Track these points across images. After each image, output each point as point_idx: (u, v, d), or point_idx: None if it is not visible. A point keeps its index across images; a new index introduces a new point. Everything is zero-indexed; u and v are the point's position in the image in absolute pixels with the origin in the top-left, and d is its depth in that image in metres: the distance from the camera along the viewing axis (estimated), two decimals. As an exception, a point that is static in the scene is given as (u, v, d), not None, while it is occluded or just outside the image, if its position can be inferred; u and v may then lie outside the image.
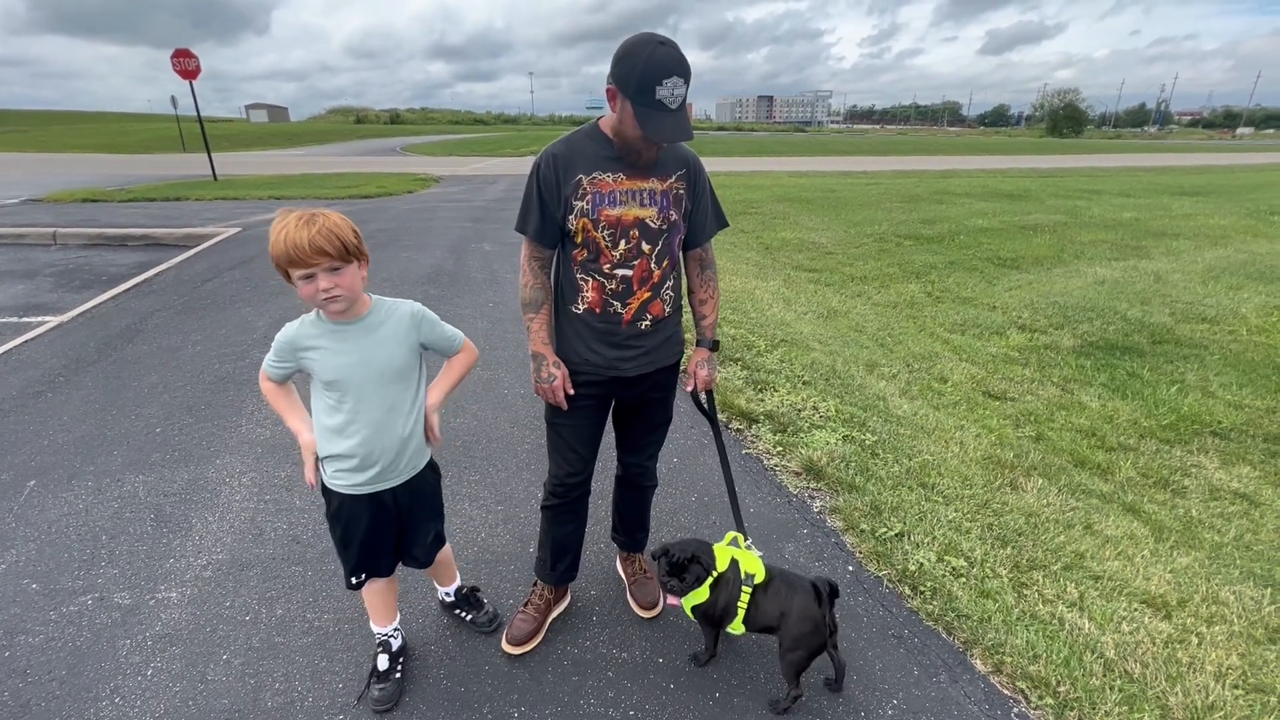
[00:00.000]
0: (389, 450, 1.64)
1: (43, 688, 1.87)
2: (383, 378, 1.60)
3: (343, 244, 1.43)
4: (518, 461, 3.15)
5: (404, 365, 1.63)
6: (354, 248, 1.47)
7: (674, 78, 1.49)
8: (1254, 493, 3.43)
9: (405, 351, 1.63)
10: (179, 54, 13.50)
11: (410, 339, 1.64)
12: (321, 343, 1.56)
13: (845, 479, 2.94)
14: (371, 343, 1.58)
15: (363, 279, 1.54)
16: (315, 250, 1.40)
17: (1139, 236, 10.60)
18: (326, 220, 1.43)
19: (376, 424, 1.61)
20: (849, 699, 1.87)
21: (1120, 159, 34.49)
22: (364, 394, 1.58)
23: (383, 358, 1.59)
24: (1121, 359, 5.30)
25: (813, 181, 18.37)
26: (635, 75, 1.49)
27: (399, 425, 1.65)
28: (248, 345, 4.59)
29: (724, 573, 1.82)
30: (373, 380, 1.58)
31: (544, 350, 1.83)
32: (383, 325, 1.60)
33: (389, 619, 1.92)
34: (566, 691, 1.89)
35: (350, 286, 1.49)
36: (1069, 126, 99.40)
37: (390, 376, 1.61)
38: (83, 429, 3.40)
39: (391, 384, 1.62)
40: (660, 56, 1.48)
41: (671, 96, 1.50)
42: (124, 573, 2.34)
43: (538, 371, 1.84)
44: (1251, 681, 1.98)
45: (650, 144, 1.62)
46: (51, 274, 6.74)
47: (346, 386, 1.57)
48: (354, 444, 1.61)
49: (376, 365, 1.58)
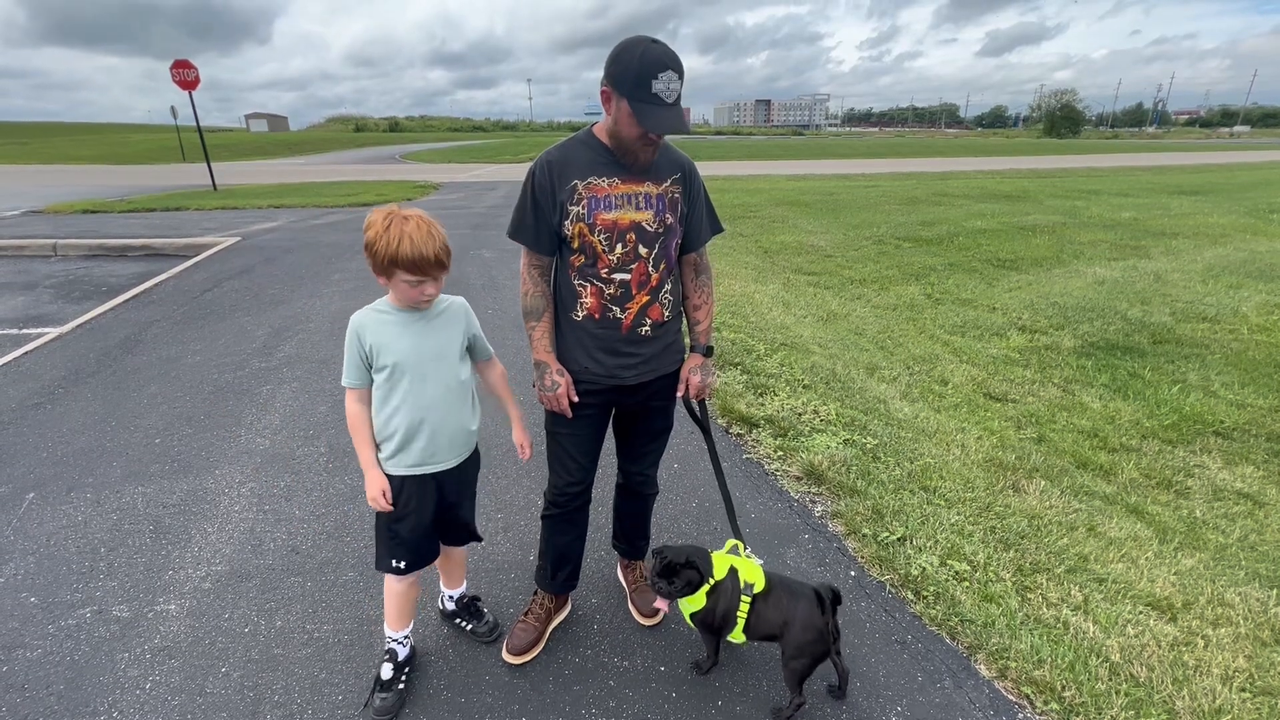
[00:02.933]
0: (443, 431, 1.73)
1: (41, 702, 1.85)
2: (440, 359, 1.71)
3: (449, 255, 1.60)
4: (518, 469, 3.14)
5: (460, 350, 1.76)
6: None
7: (668, 71, 1.51)
8: (1258, 493, 3.41)
9: (460, 337, 1.76)
10: (178, 65, 13.57)
11: (463, 327, 1.77)
12: (386, 328, 1.67)
13: (846, 483, 2.93)
14: (432, 328, 1.70)
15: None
16: (438, 264, 1.55)
17: (1138, 236, 10.60)
18: (440, 232, 1.56)
19: (432, 405, 1.70)
20: (852, 706, 1.86)
21: (1118, 159, 34.54)
22: (422, 375, 1.68)
23: (442, 341, 1.72)
24: (1122, 359, 5.29)
25: (811, 185, 18.41)
26: (631, 72, 1.52)
27: (454, 408, 1.74)
28: (247, 355, 4.59)
29: (721, 581, 1.81)
30: (430, 361, 1.69)
31: (547, 358, 1.83)
32: (440, 314, 1.73)
33: (404, 623, 1.91)
34: (568, 701, 1.88)
35: (438, 290, 1.66)
36: (1066, 127, 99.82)
37: (448, 359, 1.72)
38: (82, 440, 3.39)
39: (448, 366, 1.72)
40: (654, 52, 1.51)
41: (667, 90, 1.52)
42: (123, 585, 2.33)
43: (541, 380, 1.83)
44: (1259, 684, 1.96)
45: (647, 144, 1.62)
46: (51, 285, 6.75)
47: (405, 369, 1.66)
48: (410, 424, 1.69)
49: (435, 348, 1.70)
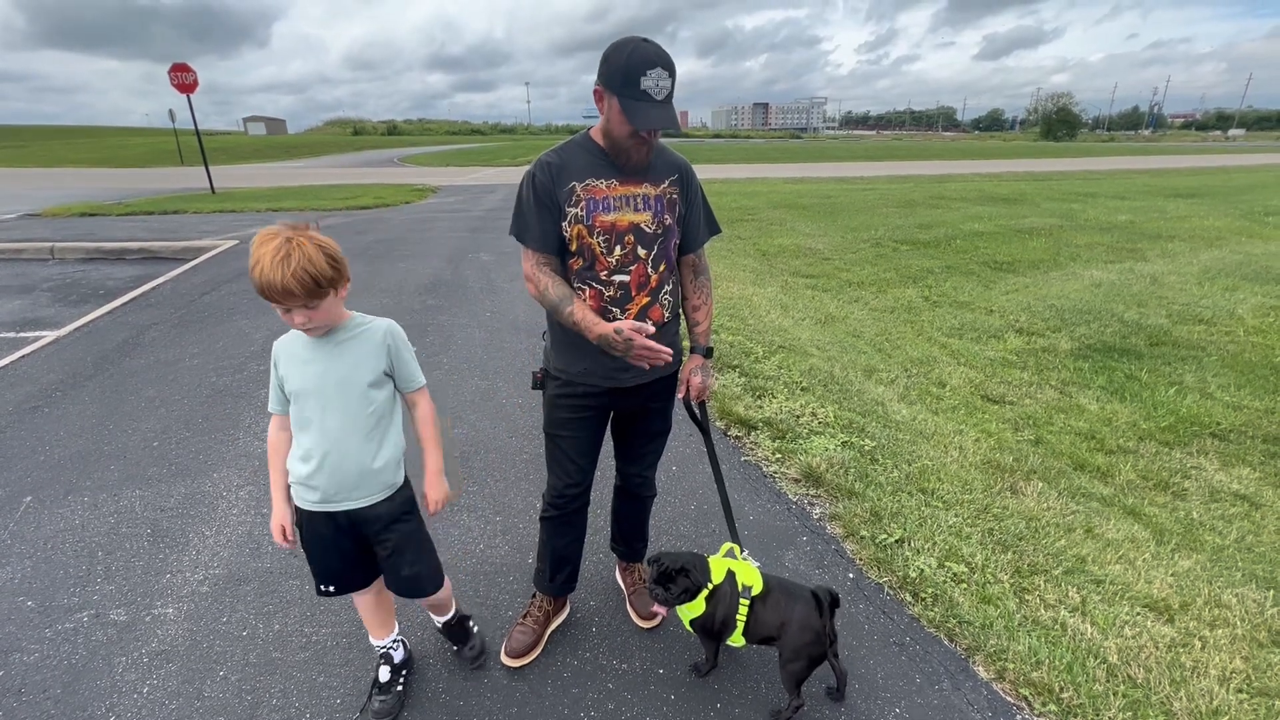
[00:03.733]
0: (341, 469, 1.57)
1: (38, 706, 1.85)
2: (341, 389, 1.55)
3: (315, 282, 1.39)
4: (516, 472, 3.14)
5: (368, 381, 1.57)
6: (329, 280, 1.42)
7: (658, 69, 1.52)
8: (1254, 494, 3.42)
9: (371, 367, 1.57)
10: (176, 68, 13.57)
11: (379, 356, 1.58)
12: (295, 353, 1.57)
13: (844, 485, 2.94)
14: (337, 353, 1.55)
15: (341, 299, 1.51)
16: (286, 293, 1.37)
17: (1134, 239, 10.63)
18: (303, 256, 1.37)
19: (335, 438, 1.56)
20: (851, 708, 1.86)
21: (1114, 162, 34.68)
22: (323, 405, 1.55)
23: (345, 369, 1.55)
24: (1119, 361, 5.30)
25: (809, 188, 18.44)
26: (620, 69, 1.52)
27: (355, 445, 1.57)
28: (245, 358, 4.58)
29: (720, 585, 1.81)
30: (331, 390, 1.55)
31: (604, 328, 1.65)
32: (353, 340, 1.57)
33: (384, 631, 1.90)
34: (566, 704, 1.87)
35: (326, 318, 1.48)
36: (1063, 130, 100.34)
37: (351, 390, 1.56)
38: (79, 443, 3.38)
39: (351, 399, 1.56)
40: (644, 50, 1.52)
41: (656, 88, 1.52)
42: (120, 589, 2.33)
43: (624, 342, 1.63)
44: (1256, 685, 1.97)
45: (639, 142, 1.62)
46: (49, 288, 6.74)
47: (307, 397, 1.55)
48: (308, 457, 1.57)
49: (337, 376, 1.54)
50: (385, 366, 1.60)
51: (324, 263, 1.41)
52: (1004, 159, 37.23)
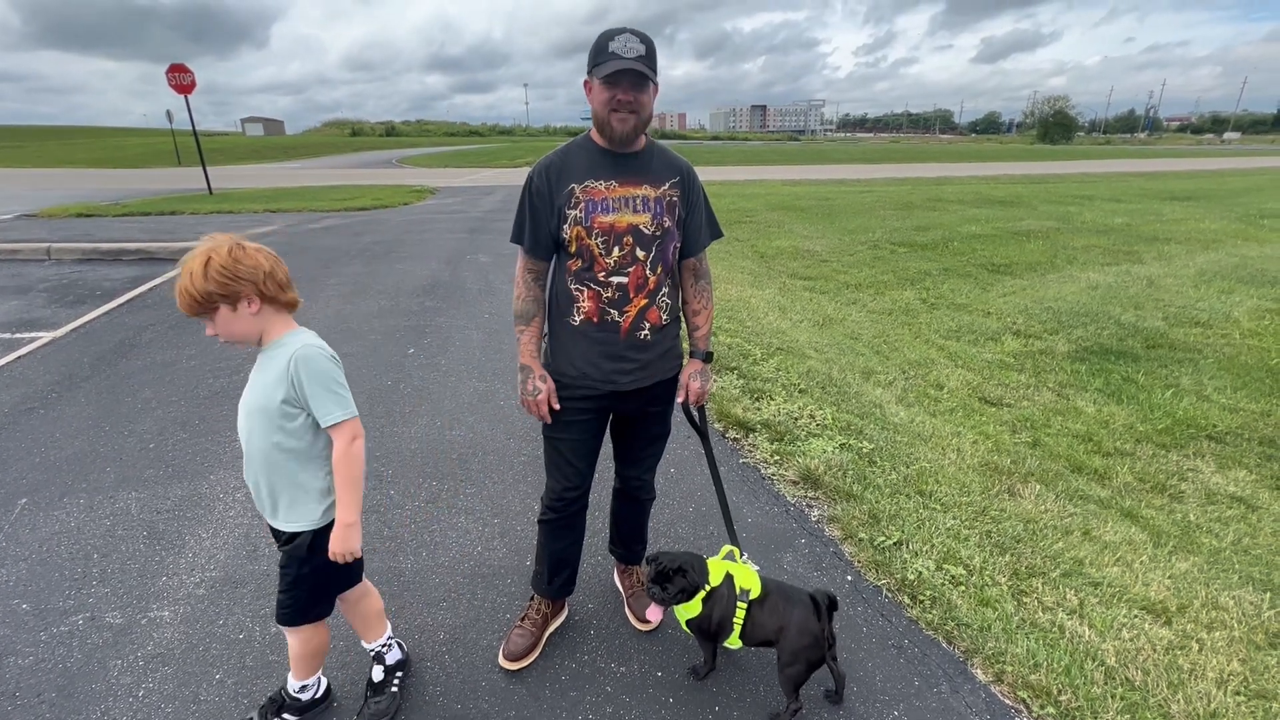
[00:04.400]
0: (253, 487, 1.56)
1: (32, 710, 1.84)
2: (246, 408, 1.51)
3: (193, 298, 1.37)
4: (514, 474, 3.14)
5: (264, 406, 1.46)
6: (209, 298, 1.38)
7: (625, 34, 1.58)
8: (1250, 496, 3.43)
9: (269, 392, 1.45)
10: (174, 69, 13.54)
11: (280, 384, 1.45)
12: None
13: (843, 487, 2.94)
14: (259, 369, 1.51)
15: (252, 313, 1.44)
16: (180, 306, 1.40)
17: (1131, 241, 10.67)
18: (187, 273, 1.37)
19: (247, 454, 1.53)
20: (849, 710, 1.86)
21: (1110, 165, 34.80)
22: (248, 427, 1.51)
23: (254, 389, 1.50)
24: (1116, 364, 5.31)
25: (807, 190, 18.47)
26: (594, 48, 1.61)
27: (255, 468, 1.52)
28: (242, 359, 4.57)
29: (717, 587, 1.81)
30: (243, 409, 1.52)
31: (531, 363, 1.84)
32: (270, 360, 1.48)
33: (372, 634, 1.88)
34: (564, 707, 1.87)
35: (229, 333, 1.44)
36: (1059, 133, 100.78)
37: (253, 411, 1.49)
38: (75, 445, 3.37)
39: (255, 421, 1.49)
40: (616, 28, 1.59)
41: (625, 48, 1.57)
42: (115, 591, 2.32)
43: (524, 384, 1.85)
44: (1253, 688, 1.97)
45: (617, 107, 1.60)
46: (45, 289, 6.72)
47: (240, 412, 1.54)
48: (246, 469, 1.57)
49: (256, 397, 1.49)
50: (286, 395, 1.45)
51: (200, 281, 1.37)
52: (1001, 162, 37.36)
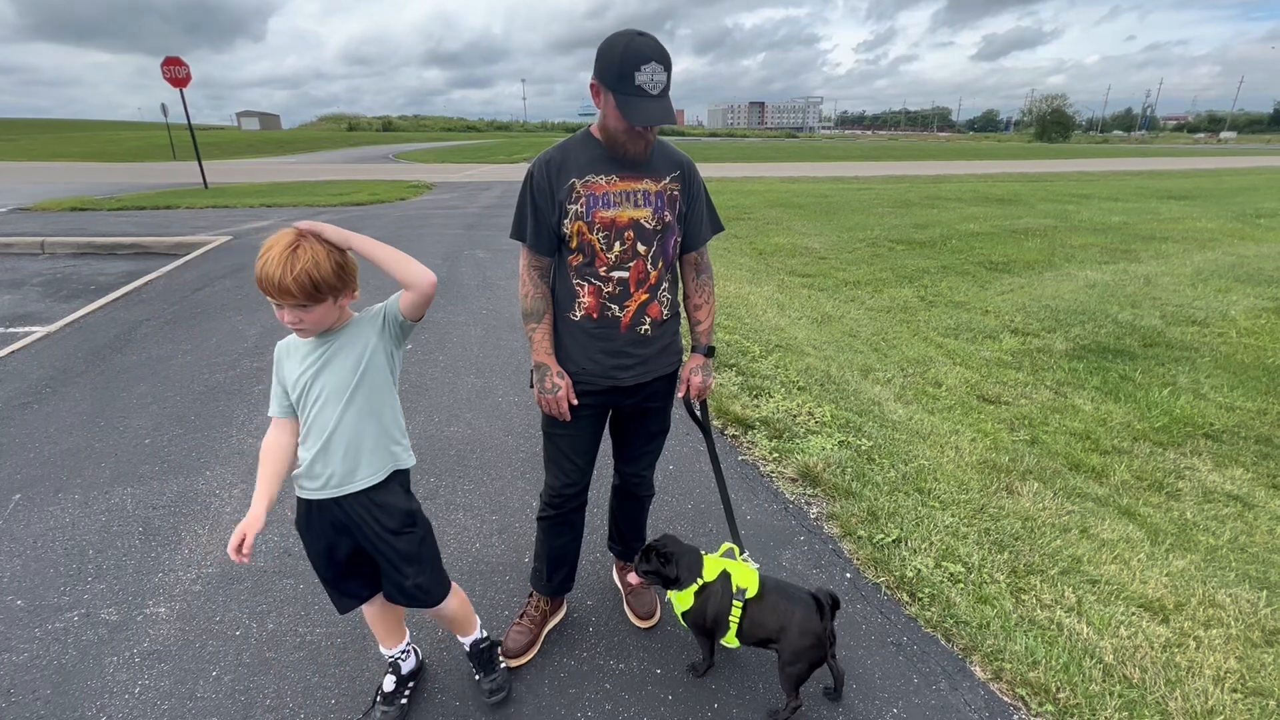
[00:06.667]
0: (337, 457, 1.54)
1: (27, 707, 1.83)
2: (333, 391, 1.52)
3: (315, 286, 1.38)
4: (513, 470, 3.13)
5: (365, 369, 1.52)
6: (329, 287, 1.41)
7: (652, 63, 1.50)
8: (1247, 494, 3.44)
9: (368, 357, 1.52)
10: (169, 62, 13.46)
11: (380, 340, 1.54)
12: (294, 351, 1.55)
13: (842, 485, 2.94)
14: (333, 350, 1.52)
15: (341, 307, 1.49)
16: (283, 290, 1.37)
17: (1128, 240, 10.68)
18: (310, 258, 1.37)
19: (329, 436, 1.53)
20: (848, 708, 1.86)
21: (1108, 163, 34.85)
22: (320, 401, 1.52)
23: (339, 371, 1.52)
24: (1114, 362, 5.32)
25: (805, 187, 18.45)
26: (614, 65, 1.51)
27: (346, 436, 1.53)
28: (239, 355, 4.55)
29: (710, 583, 1.81)
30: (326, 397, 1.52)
31: (547, 360, 1.80)
32: (350, 340, 1.53)
33: (393, 640, 1.83)
34: (563, 704, 1.87)
35: (318, 321, 1.46)
36: (1056, 131, 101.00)
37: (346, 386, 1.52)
38: (70, 441, 3.35)
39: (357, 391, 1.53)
40: (639, 44, 1.50)
41: (651, 82, 1.51)
42: (111, 588, 2.30)
43: (541, 382, 1.81)
44: (1250, 685, 1.98)
45: (635, 137, 1.61)
46: (39, 283, 6.67)
47: (307, 394, 1.52)
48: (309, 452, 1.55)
49: (330, 379, 1.51)
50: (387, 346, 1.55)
51: (329, 269, 1.40)
52: (999, 160, 37.37)
